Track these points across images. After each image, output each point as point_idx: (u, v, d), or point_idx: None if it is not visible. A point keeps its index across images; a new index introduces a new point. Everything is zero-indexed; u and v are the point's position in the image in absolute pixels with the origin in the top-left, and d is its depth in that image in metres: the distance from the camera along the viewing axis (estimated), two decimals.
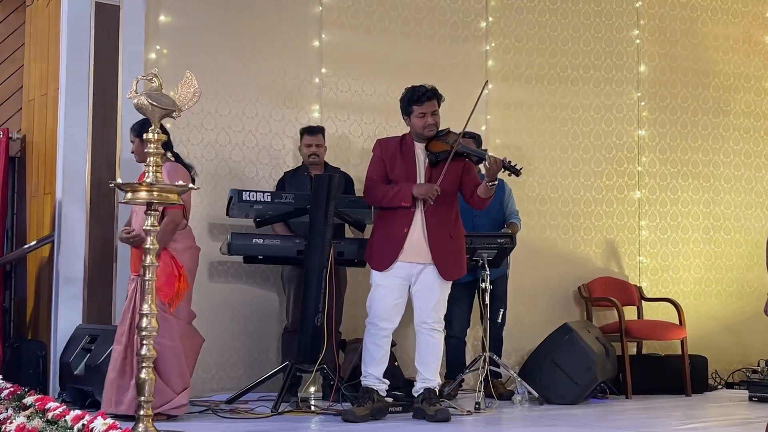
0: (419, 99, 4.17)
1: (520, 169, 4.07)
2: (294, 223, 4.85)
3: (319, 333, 4.33)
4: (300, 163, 5.17)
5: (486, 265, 4.67)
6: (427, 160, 4.22)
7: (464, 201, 4.30)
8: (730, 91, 6.38)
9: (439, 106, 4.22)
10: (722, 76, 6.38)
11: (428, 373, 4.25)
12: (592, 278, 5.87)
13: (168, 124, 4.41)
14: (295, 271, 4.89)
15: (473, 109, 4.20)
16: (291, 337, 4.77)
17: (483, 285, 4.64)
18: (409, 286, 4.22)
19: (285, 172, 5.15)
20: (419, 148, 4.25)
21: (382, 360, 4.21)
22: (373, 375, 4.20)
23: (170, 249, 3.93)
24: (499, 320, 5.06)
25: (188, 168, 4.17)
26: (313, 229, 4.43)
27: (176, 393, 3.92)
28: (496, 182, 4.08)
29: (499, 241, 4.77)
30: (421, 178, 4.20)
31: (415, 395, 4.27)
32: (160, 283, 3.82)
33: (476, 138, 5.09)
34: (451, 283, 4.27)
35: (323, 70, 5.47)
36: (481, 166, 4.45)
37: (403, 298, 4.23)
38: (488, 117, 5.79)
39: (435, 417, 4.10)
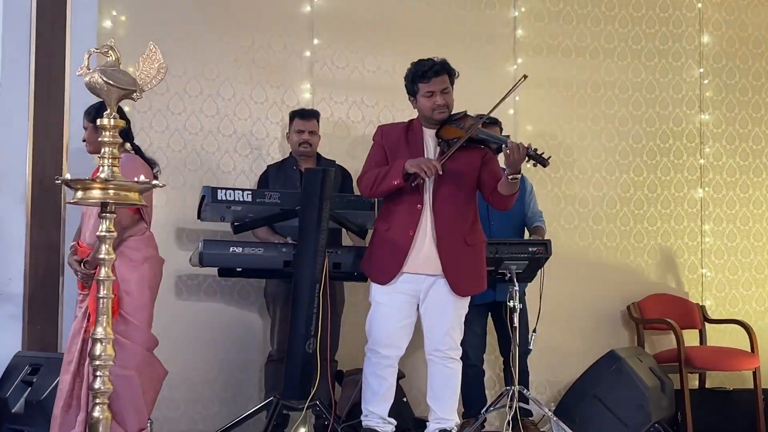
0: (425, 75, 4.18)
1: (548, 158, 4.07)
2: (280, 227, 4.86)
3: (311, 362, 4.33)
4: (287, 155, 5.19)
5: (515, 280, 4.66)
6: (438, 150, 4.23)
7: (484, 200, 4.31)
8: None
9: (452, 83, 4.23)
10: None
11: (443, 412, 4.26)
12: (644, 295, 5.88)
13: (126, 107, 4.43)
14: (281, 286, 4.90)
15: (502, 99, 4.17)
16: (276, 368, 4.78)
17: (511, 304, 4.62)
18: (418, 304, 4.23)
19: (268, 166, 5.16)
20: (429, 135, 4.26)
21: (386, 395, 4.23)
22: (376, 414, 4.22)
23: (123, 258, 3.91)
24: (531, 346, 5.05)
25: (150, 164, 4.17)
26: (304, 235, 4.43)
27: None
28: (519, 175, 4.08)
29: (530, 249, 4.76)
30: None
31: None
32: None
33: (499, 124, 5.10)
34: (468, 300, 4.28)
35: (315, 41, 5.48)
36: (502, 155, 4.44)
37: (410, 318, 4.24)
38: (517, 98, 5.78)
39: None
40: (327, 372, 4.38)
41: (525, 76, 4.23)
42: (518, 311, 4.62)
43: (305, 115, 5.08)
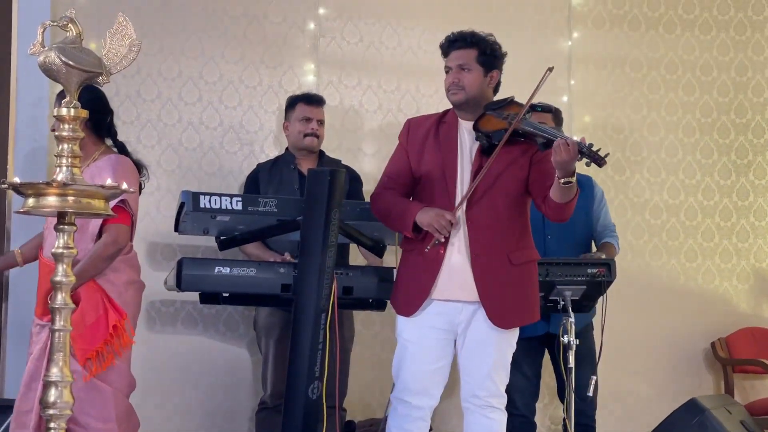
0: (443, 48, 4.23)
1: (605, 156, 4.05)
2: (276, 242, 4.88)
3: (315, 411, 4.33)
4: (283, 151, 5.20)
5: (569, 309, 4.66)
6: (477, 146, 4.22)
7: (536, 208, 4.31)
8: None
9: (484, 61, 4.14)
10: None
11: None
12: (733, 330, 5.88)
13: None
14: (276, 316, 4.93)
15: (534, 92, 4.14)
16: (270, 417, 4.80)
17: (564, 339, 4.62)
18: (456, 339, 4.21)
19: (258, 165, 5.18)
20: (466, 128, 4.25)
21: None
22: None
23: (104, 282, 3.95)
24: (590, 392, 5.04)
25: (138, 167, 4.21)
26: (307, 251, 4.43)
27: None
28: (573, 179, 4.06)
29: (589, 271, 4.74)
30: (464, 173, 4.18)
31: None
32: (78, 331, 3.84)
33: (554, 112, 5.07)
34: (516, 334, 4.26)
35: (321, 11, 5.51)
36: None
37: (445, 359, 4.20)
38: (572, 82, 5.81)
39: None
40: (335, 423, 4.39)
41: (550, 69, 4.09)
42: (573, 348, 4.63)
43: (312, 100, 5.08)
